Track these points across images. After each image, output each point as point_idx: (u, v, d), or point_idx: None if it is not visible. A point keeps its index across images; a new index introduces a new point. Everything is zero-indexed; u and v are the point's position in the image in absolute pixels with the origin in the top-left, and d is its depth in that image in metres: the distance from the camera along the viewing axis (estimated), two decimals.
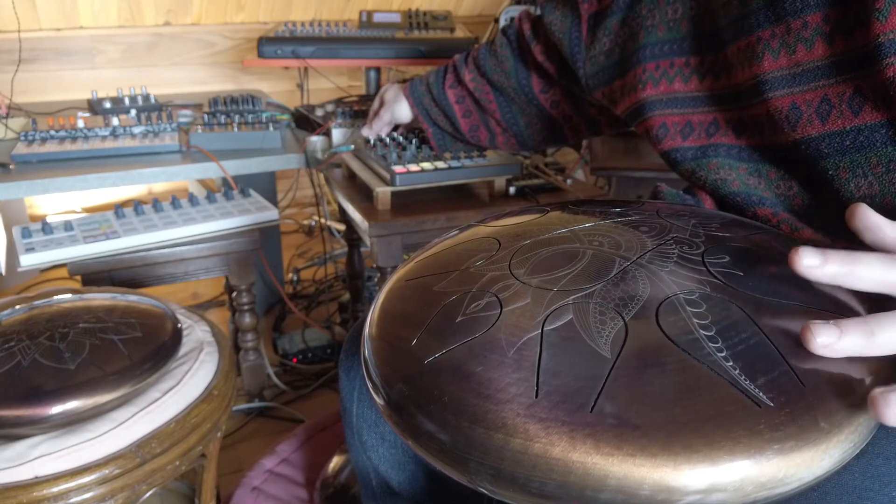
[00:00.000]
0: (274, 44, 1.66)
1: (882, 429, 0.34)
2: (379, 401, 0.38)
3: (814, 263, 0.36)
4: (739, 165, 0.58)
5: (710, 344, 0.34)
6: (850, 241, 0.39)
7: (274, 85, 2.29)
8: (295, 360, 1.64)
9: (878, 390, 0.32)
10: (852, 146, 0.49)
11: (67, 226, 1.22)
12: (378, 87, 1.85)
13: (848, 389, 0.33)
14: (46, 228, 1.19)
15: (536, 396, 0.33)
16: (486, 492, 0.33)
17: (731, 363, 0.33)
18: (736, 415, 0.31)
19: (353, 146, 1.22)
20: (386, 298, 0.44)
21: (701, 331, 0.35)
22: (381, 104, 1.16)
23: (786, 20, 0.51)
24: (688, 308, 0.37)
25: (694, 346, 0.34)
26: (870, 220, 0.38)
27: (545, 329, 0.36)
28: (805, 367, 0.33)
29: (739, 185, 0.56)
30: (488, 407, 0.33)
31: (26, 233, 1.18)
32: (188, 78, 2.24)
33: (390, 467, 0.69)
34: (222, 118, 1.45)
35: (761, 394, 0.32)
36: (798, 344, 0.35)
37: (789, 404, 0.31)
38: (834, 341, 0.34)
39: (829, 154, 0.50)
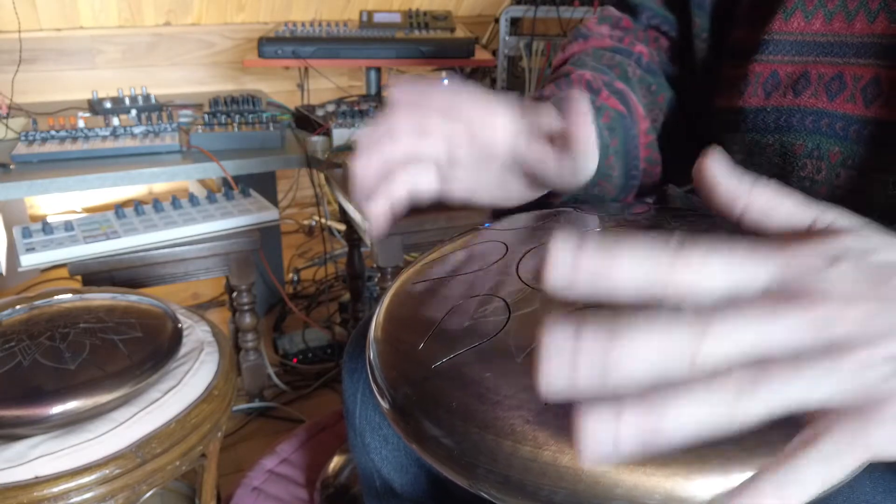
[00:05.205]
0: (274, 44, 1.66)
1: None
2: (384, 405, 0.38)
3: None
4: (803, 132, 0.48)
5: None
6: None
7: (274, 85, 2.29)
8: (295, 360, 1.64)
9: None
10: None
11: (68, 226, 1.21)
12: (378, 87, 1.85)
13: None
14: (47, 228, 1.19)
15: (546, 403, 0.32)
16: (491, 499, 0.33)
17: None
18: None
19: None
20: (392, 301, 0.43)
21: None
22: None
23: None
24: None
25: None
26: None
27: None
28: None
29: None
30: (497, 413, 0.32)
31: (26, 233, 1.17)
32: (188, 78, 2.24)
33: (393, 470, 0.68)
34: (223, 118, 1.45)
35: None
36: None
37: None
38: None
39: None
